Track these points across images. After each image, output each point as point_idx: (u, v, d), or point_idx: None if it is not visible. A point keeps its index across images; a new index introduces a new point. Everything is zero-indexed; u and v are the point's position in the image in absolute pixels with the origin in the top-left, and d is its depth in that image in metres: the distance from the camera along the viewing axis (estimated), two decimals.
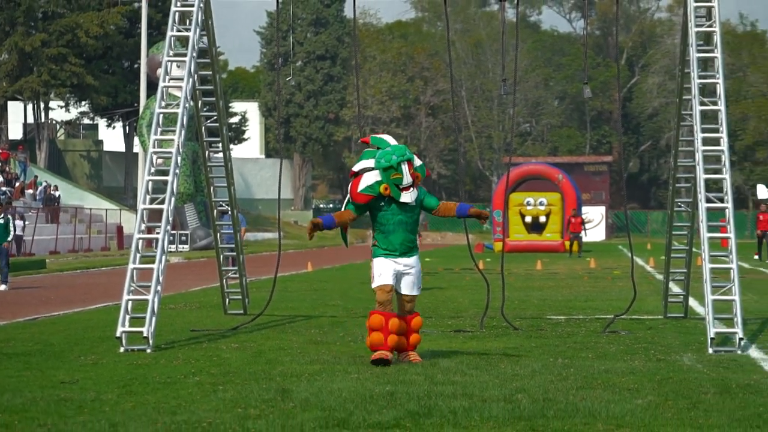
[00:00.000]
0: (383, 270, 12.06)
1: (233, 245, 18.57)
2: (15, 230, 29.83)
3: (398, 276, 12.12)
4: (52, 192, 58.95)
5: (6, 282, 26.66)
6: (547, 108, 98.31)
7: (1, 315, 18.93)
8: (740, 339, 13.45)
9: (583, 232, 47.85)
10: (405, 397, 9.74)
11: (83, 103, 76.16)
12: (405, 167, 11.99)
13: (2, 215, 26.75)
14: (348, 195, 12.32)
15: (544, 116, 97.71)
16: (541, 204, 52.86)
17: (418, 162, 12.26)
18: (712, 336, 13.38)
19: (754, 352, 13.26)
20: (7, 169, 59.87)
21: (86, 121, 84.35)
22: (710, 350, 13.28)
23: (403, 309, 12.21)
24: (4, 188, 55.52)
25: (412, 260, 12.22)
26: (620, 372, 11.45)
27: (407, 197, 12.09)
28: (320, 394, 9.96)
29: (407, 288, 12.22)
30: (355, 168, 12.29)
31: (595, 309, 19.35)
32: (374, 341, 12.00)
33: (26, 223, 51.10)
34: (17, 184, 58.21)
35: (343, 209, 12.37)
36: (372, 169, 12.13)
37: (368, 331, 12.16)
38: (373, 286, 12.12)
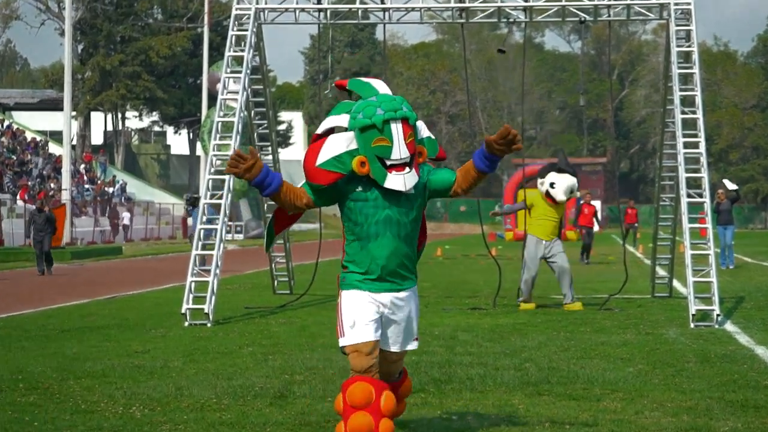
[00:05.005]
0: (359, 314, 6.18)
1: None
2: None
3: (382, 322, 6.25)
4: (105, 188, 58.46)
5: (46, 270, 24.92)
6: (550, 116, 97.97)
7: (84, 294, 18.96)
8: (717, 315, 13.34)
9: (637, 223, 43.96)
10: (428, 365, 9.68)
11: (154, 113, 76.49)
12: (397, 129, 6.03)
13: (47, 211, 25.93)
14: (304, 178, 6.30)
15: (548, 123, 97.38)
16: None
17: (425, 132, 6.34)
18: (693, 312, 13.28)
19: (729, 327, 13.13)
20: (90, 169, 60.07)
21: (156, 128, 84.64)
22: (692, 325, 13.16)
23: (385, 371, 6.40)
24: (87, 186, 55.74)
25: (406, 295, 6.26)
26: (614, 344, 11.36)
27: (398, 182, 6.06)
28: None
29: (396, 341, 6.32)
30: (319, 130, 6.37)
31: (592, 289, 19.22)
32: (356, 428, 6.00)
33: (130, 215, 52.61)
34: (98, 182, 58.41)
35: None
36: (344, 129, 6.27)
37: (342, 412, 6.11)
38: (343, 343, 6.24)
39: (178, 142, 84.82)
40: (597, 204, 72.15)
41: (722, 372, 9.34)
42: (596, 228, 31.09)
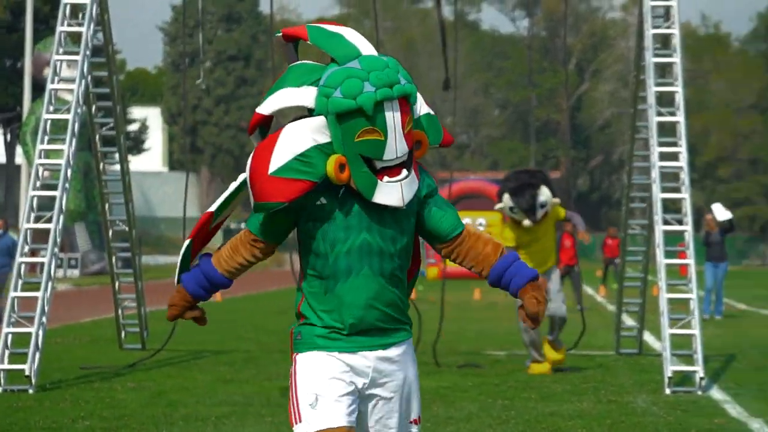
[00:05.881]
0: (323, 387, 5.19)
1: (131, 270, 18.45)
2: None
3: (362, 401, 5.25)
4: None
5: None
6: (487, 117, 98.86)
7: None
8: (701, 378, 13.56)
9: (619, 259, 40.92)
10: None
11: None
12: (394, 115, 5.10)
13: None
14: (251, 198, 5.20)
15: (484, 127, 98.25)
16: (480, 225, 53.15)
17: (423, 107, 5.43)
18: (670, 374, 13.49)
19: (715, 393, 13.38)
20: None
21: None
22: (667, 390, 13.38)
23: None
24: None
25: (398, 352, 5.31)
26: (567, 415, 11.50)
27: (393, 193, 5.13)
28: None
29: (384, 426, 5.28)
30: (264, 107, 5.25)
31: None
32: None
33: None
34: None
35: (213, 207, 5.40)
36: (309, 113, 5.19)
37: None
38: (300, 431, 5.22)
39: None
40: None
41: None
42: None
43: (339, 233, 5.17)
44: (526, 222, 15.28)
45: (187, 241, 5.30)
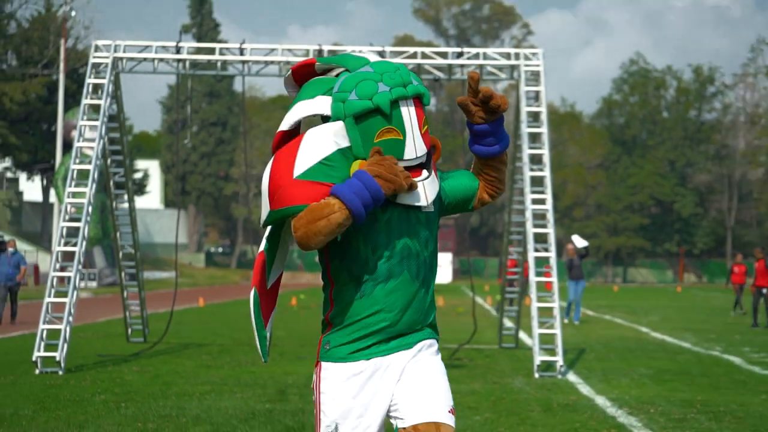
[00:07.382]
0: (344, 412, 3.97)
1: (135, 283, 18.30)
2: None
3: (395, 391, 4.00)
4: None
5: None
6: None
7: None
8: (561, 366, 13.67)
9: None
10: (282, 413, 9.67)
11: (6, 159, 74.58)
12: (410, 113, 3.89)
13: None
14: (265, 209, 3.93)
15: None
16: None
17: None
18: (538, 363, 13.58)
19: (572, 377, 13.48)
20: None
21: (9, 175, 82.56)
22: (536, 375, 13.46)
23: None
24: None
25: (427, 342, 4.09)
26: (463, 393, 11.53)
27: (416, 194, 3.94)
28: (209, 411, 9.85)
29: (422, 407, 4.03)
30: (284, 124, 4.02)
31: (442, 340, 19.44)
32: None
33: None
34: None
35: (261, 247, 4.02)
36: (326, 119, 3.98)
37: None
38: None
39: (31, 188, 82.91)
40: (448, 256, 73.01)
41: (564, 421, 9.59)
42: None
43: (380, 238, 3.94)
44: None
45: (252, 290, 4.02)
